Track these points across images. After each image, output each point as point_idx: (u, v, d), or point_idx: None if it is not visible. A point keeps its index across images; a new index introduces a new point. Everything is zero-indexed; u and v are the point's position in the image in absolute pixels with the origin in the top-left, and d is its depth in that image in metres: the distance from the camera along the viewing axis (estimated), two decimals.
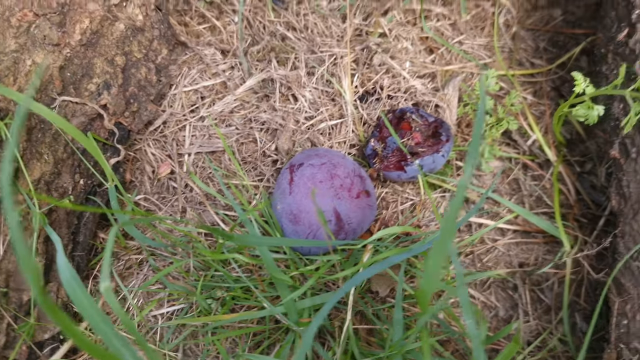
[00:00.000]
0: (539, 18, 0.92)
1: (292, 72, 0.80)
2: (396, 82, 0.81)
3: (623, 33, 0.72)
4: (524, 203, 0.78)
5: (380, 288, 0.69)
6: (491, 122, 0.78)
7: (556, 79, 0.86)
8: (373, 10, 0.87)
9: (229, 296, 0.64)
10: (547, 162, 0.80)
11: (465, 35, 0.88)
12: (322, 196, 0.63)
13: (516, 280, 0.75)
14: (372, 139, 0.75)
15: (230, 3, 0.89)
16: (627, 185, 0.67)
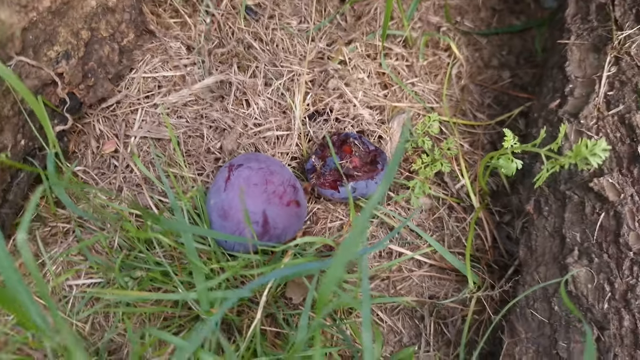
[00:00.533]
0: (489, 76, 0.99)
1: (250, 80, 0.83)
2: (346, 108, 0.85)
3: (555, 102, 0.79)
4: (444, 241, 0.83)
5: (295, 295, 0.72)
6: (427, 161, 0.83)
7: (493, 134, 0.93)
8: (338, 38, 0.92)
9: (146, 277, 0.65)
10: (471, 207, 0.85)
11: (419, 79, 0.94)
12: (254, 198, 0.66)
13: (424, 311, 0.79)
14: (313, 156, 0.79)
15: (205, 4, 0.92)
16: (535, 239, 0.73)
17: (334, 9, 0.97)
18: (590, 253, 0.65)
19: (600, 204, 0.66)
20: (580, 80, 0.77)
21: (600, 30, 0.79)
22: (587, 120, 0.72)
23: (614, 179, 0.66)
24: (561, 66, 0.81)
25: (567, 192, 0.70)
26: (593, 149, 0.58)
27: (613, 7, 0.79)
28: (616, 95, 0.72)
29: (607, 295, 0.62)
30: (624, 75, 0.72)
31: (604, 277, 0.63)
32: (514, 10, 1.08)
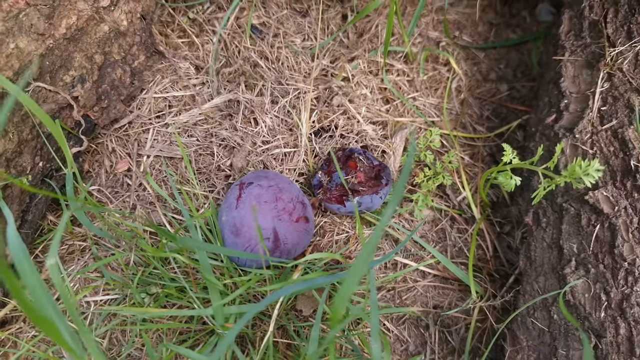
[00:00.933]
0: (488, 89, 1.03)
1: (258, 98, 0.86)
2: (350, 124, 0.88)
3: (551, 117, 0.82)
4: (446, 251, 0.86)
5: (305, 307, 0.75)
6: (429, 175, 0.86)
7: (493, 146, 0.96)
8: (341, 56, 0.95)
9: (162, 293, 0.68)
10: (473, 219, 0.88)
11: (419, 93, 0.97)
12: (264, 215, 0.69)
13: (429, 320, 0.82)
14: (320, 171, 0.82)
15: (212, 24, 0.96)
16: (534, 250, 0.76)
17: (337, 26, 1.00)
18: (587, 264, 0.68)
19: (595, 216, 0.69)
20: (575, 95, 0.80)
21: (594, 46, 0.82)
22: (582, 135, 0.75)
23: (608, 192, 0.69)
24: (556, 82, 0.84)
25: (564, 205, 0.73)
26: (586, 169, 0.61)
27: (605, 24, 0.82)
28: (609, 110, 0.75)
29: (603, 304, 0.65)
30: (617, 90, 0.75)
31: (600, 287, 0.66)
32: (511, 24, 1.11)
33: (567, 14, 0.90)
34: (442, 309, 0.82)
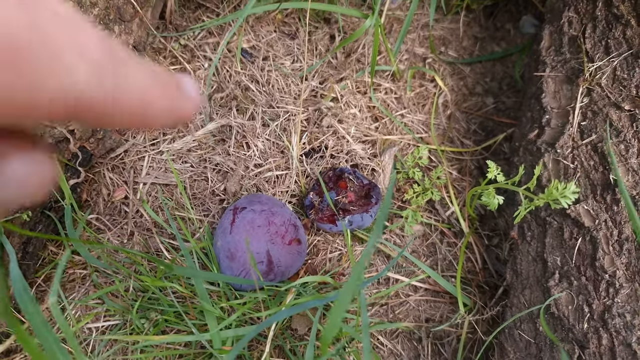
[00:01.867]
0: (474, 103, 1.05)
1: (249, 122, 0.89)
2: (340, 144, 0.91)
3: (534, 132, 0.84)
4: (437, 265, 0.89)
5: (300, 326, 0.77)
6: (418, 191, 0.88)
7: (480, 159, 0.98)
8: (329, 77, 0.98)
9: (161, 319, 0.70)
10: (461, 232, 0.90)
11: (407, 110, 1.00)
12: (258, 240, 0.72)
13: (421, 333, 0.84)
14: (311, 192, 0.84)
15: (203, 49, 0.98)
16: (520, 264, 0.78)
17: (325, 47, 1.02)
18: (570, 276, 0.70)
19: (577, 230, 0.72)
20: (556, 111, 0.83)
21: (573, 62, 0.85)
22: (563, 150, 0.78)
23: (589, 206, 0.71)
24: (538, 97, 0.87)
25: (548, 219, 0.76)
26: (563, 192, 0.63)
27: (584, 39, 0.85)
28: (589, 125, 0.77)
29: (586, 315, 0.67)
30: (596, 105, 0.78)
31: (582, 299, 0.68)
32: (495, 37, 1.14)
33: (548, 29, 0.93)
34: (434, 322, 0.85)
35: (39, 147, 0.17)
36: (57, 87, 0.15)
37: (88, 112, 0.16)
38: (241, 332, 0.68)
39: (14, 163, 0.16)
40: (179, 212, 0.83)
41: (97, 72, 0.16)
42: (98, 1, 0.76)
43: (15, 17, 0.13)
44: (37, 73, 0.14)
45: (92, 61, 0.16)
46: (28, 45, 0.14)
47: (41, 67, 0.14)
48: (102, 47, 0.16)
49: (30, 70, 0.14)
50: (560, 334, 0.69)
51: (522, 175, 0.72)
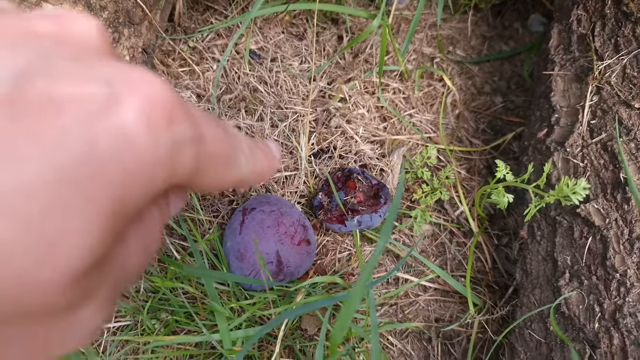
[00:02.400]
0: (483, 102, 1.05)
1: (258, 123, 0.89)
2: (349, 144, 0.91)
3: (543, 132, 0.84)
4: (447, 264, 0.89)
5: (310, 326, 0.77)
6: (427, 191, 0.88)
7: (489, 159, 0.98)
8: (337, 77, 0.98)
9: (172, 319, 0.71)
10: (471, 232, 0.90)
11: (415, 110, 1.00)
12: (267, 240, 0.72)
13: (431, 333, 0.84)
14: (320, 193, 0.84)
15: (211, 51, 0.99)
16: (530, 263, 0.78)
17: (333, 47, 1.02)
18: (580, 275, 0.70)
19: (587, 229, 0.72)
20: (565, 109, 0.83)
21: (582, 60, 0.85)
22: (572, 149, 0.78)
23: (599, 205, 0.71)
24: (547, 96, 0.86)
25: (557, 218, 0.76)
26: (574, 188, 0.63)
27: (593, 37, 0.84)
28: (598, 123, 0.77)
29: (597, 315, 0.67)
30: (605, 104, 0.77)
31: (593, 298, 0.68)
32: (503, 36, 1.14)
33: (556, 28, 0.93)
34: (444, 322, 0.85)
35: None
36: (235, 176, 0.23)
37: (239, 185, 0.24)
38: (251, 332, 0.68)
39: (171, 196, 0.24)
40: (189, 213, 0.83)
41: (251, 162, 0.24)
42: (107, 5, 0.77)
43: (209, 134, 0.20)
44: (228, 171, 0.22)
45: (247, 155, 0.24)
46: (233, 155, 0.22)
47: (230, 168, 0.22)
48: (248, 144, 0.25)
49: (227, 169, 0.22)
50: (571, 334, 0.69)
51: (531, 173, 0.72)
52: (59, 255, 0.14)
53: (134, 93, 0.15)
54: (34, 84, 0.14)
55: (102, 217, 0.15)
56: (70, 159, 0.14)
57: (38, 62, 0.15)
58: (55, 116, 0.14)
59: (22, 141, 0.13)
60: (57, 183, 0.13)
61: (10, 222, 0.13)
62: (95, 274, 0.16)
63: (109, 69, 0.16)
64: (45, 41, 0.16)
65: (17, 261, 0.13)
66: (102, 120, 0.15)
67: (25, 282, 0.13)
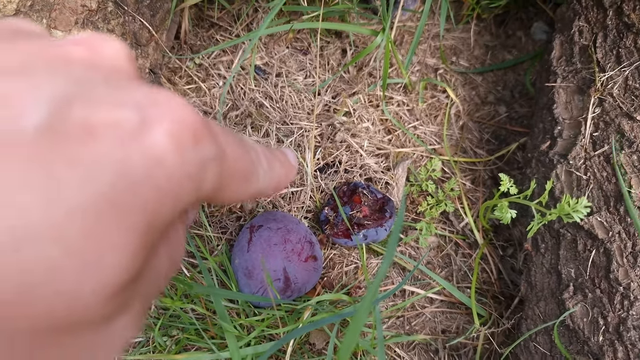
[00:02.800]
0: (487, 112, 1.06)
1: (264, 139, 0.90)
2: (354, 159, 0.92)
3: (546, 144, 0.85)
4: (452, 276, 0.90)
5: (317, 340, 0.79)
6: (432, 203, 0.89)
7: (494, 169, 0.99)
8: (342, 91, 0.99)
9: (183, 337, 0.73)
10: (476, 243, 0.91)
11: (420, 122, 1.01)
12: (274, 257, 0.74)
13: (438, 344, 0.85)
14: (326, 207, 0.86)
15: (217, 68, 1.00)
16: (534, 275, 0.79)
17: (337, 61, 1.04)
18: (584, 288, 0.71)
19: (591, 242, 0.72)
20: (568, 122, 0.83)
21: (584, 72, 0.85)
22: (575, 161, 0.78)
23: (602, 218, 0.72)
24: (549, 108, 0.87)
25: (561, 231, 0.76)
26: (575, 206, 0.64)
27: (595, 49, 0.85)
28: (601, 135, 0.78)
29: (601, 328, 0.68)
30: (608, 116, 0.78)
31: (597, 312, 0.68)
32: (507, 45, 1.14)
33: (558, 39, 0.93)
34: (450, 333, 0.86)
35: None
36: (254, 190, 0.24)
37: (257, 197, 0.26)
38: (260, 349, 0.69)
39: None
40: (197, 230, 0.85)
41: (268, 174, 0.25)
42: (114, 28, 0.78)
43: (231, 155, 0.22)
44: (247, 185, 0.23)
45: (265, 168, 0.25)
46: (252, 170, 0.23)
47: (249, 182, 0.23)
48: (266, 157, 0.26)
49: (247, 184, 0.23)
50: (576, 347, 0.69)
51: (534, 189, 0.73)
52: (99, 273, 0.15)
53: (163, 116, 0.17)
54: (72, 110, 0.15)
55: (137, 235, 0.16)
56: (106, 182, 0.15)
57: (74, 88, 0.16)
58: (92, 141, 0.15)
59: (62, 167, 0.14)
60: (96, 205, 0.14)
61: (56, 246, 0.14)
62: (130, 288, 0.17)
63: (139, 93, 0.17)
64: (79, 66, 0.17)
65: (62, 280, 0.14)
66: (134, 143, 0.16)
67: (70, 298, 0.14)
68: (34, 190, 0.13)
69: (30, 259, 0.13)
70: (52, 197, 0.14)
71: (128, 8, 0.80)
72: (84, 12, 0.73)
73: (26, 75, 0.15)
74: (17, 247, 0.13)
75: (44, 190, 0.13)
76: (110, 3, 0.77)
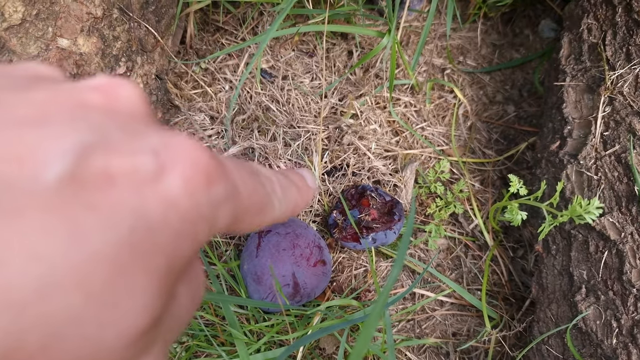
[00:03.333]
0: (495, 112, 1.05)
1: (271, 143, 0.90)
2: (361, 161, 0.92)
3: (555, 144, 0.84)
4: (462, 278, 0.89)
5: (328, 345, 0.78)
6: (441, 205, 0.89)
7: (503, 169, 0.98)
8: (348, 93, 0.99)
9: (193, 344, 0.72)
10: (486, 245, 0.90)
11: (427, 123, 1.00)
12: (283, 263, 0.73)
13: (449, 347, 0.85)
14: (334, 211, 0.85)
15: (223, 72, 1.00)
16: (546, 277, 0.78)
17: (343, 63, 1.03)
18: (597, 290, 0.70)
19: (603, 243, 0.71)
20: (577, 121, 0.82)
21: (594, 70, 0.84)
22: (586, 161, 0.77)
23: (614, 218, 0.71)
24: (559, 107, 0.86)
25: (572, 232, 0.75)
26: (587, 207, 0.63)
27: (604, 47, 0.84)
28: (612, 135, 0.77)
29: (614, 331, 0.67)
30: (618, 114, 0.77)
31: (610, 314, 0.68)
32: (514, 44, 1.13)
33: (567, 37, 0.92)
34: (461, 336, 0.85)
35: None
36: (270, 219, 0.24)
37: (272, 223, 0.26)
38: (270, 355, 0.69)
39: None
40: None
41: (284, 203, 0.25)
42: (120, 35, 0.78)
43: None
44: (262, 217, 0.23)
45: (280, 198, 0.25)
46: (267, 202, 0.24)
47: (264, 214, 0.24)
48: (281, 185, 0.26)
49: (262, 216, 0.24)
50: (589, 350, 0.69)
51: (544, 190, 0.72)
52: (122, 317, 0.15)
53: (177, 161, 0.17)
54: (91, 159, 0.15)
55: (157, 278, 0.16)
56: (126, 227, 0.15)
57: (92, 136, 0.16)
58: (111, 188, 0.15)
59: (83, 214, 0.14)
60: (117, 250, 0.15)
61: (79, 293, 0.14)
62: (153, 331, 0.17)
63: (154, 138, 0.17)
64: (97, 114, 0.18)
65: (86, 327, 0.14)
66: (150, 188, 0.16)
67: (93, 344, 0.14)
68: (55, 238, 0.13)
69: (55, 308, 0.13)
70: (73, 244, 0.14)
71: (133, 14, 0.80)
72: (89, 19, 0.73)
73: (46, 125, 0.16)
74: (41, 296, 0.13)
75: (64, 237, 0.14)
76: (115, 10, 0.77)
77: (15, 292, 0.13)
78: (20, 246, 0.13)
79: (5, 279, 0.13)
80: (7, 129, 0.15)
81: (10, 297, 0.13)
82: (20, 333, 0.13)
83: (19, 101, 0.17)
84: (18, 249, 0.13)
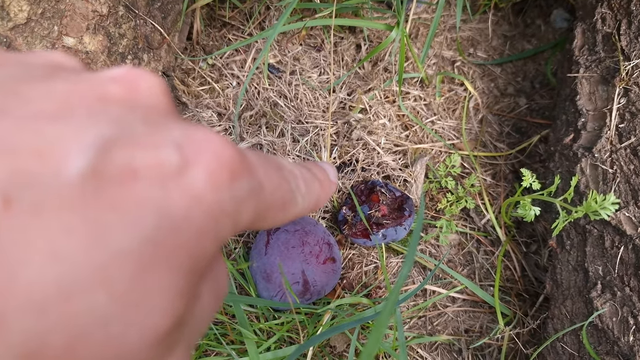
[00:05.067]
0: (506, 104, 1.03)
1: (279, 139, 0.89)
2: (371, 157, 0.90)
3: (569, 137, 0.82)
4: (475, 274, 0.88)
5: (338, 343, 0.77)
6: (452, 200, 0.87)
7: (515, 163, 0.96)
8: (357, 88, 0.98)
9: (203, 342, 0.72)
10: (498, 240, 0.89)
11: (437, 116, 0.99)
12: (292, 260, 0.72)
13: (461, 344, 0.84)
14: (344, 207, 0.84)
15: (230, 67, 0.99)
16: (560, 273, 0.77)
17: (351, 57, 1.02)
18: (613, 287, 0.69)
19: (619, 238, 0.70)
20: (592, 113, 0.81)
21: (608, 61, 0.82)
22: (601, 154, 0.76)
23: (630, 213, 0.69)
24: (572, 99, 0.84)
25: (587, 227, 0.74)
26: (603, 203, 0.61)
27: (619, 36, 0.82)
28: (627, 127, 0.75)
29: (631, 328, 0.65)
30: (634, 106, 0.75)
31: (627, 311, 0.66)
32: (526, 34, 1.11)
33: (580, 27, 0.90)
34: (474, 332, 0.84)
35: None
36: (292, 215, 0.24)
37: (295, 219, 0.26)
38: (280, 353, 0.68)
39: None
40: None
41: (307, 198, 0.25)
42: (126, 32, 0.78)
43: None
44: (285, 213, 0.23)
45: (303, 193, 0.25)
46: (290, 197, 0.23)
47: (287, 210, 0.23)
48: (305, 179, 0.25)
49: (285, 212, 0.23)
50: (605, 347, 0.67)
51: (558, 184, 0.70)
52: (146, 316, 0.15)
53: (200, 155, 0.17)
54: (113, 154, 0.15)
55: (182, 275, 0.16)
56: (149, 224, 0.15)
57: (114, 130, 0.15)
58: (134, 184, 0.15)
59: (106, 211, 0.14)
60: (140, 247, 0.14)
61: (102, 292, 0.13)
62: (177, 330, 0.17)
63: (177, 131, 0.17)
64: (118, 106, 0.17)
65: (109, 327, 0.14)
66: (174, 183, 0.16)
67: (118, 344, 0.14)
68: (78, 236, 0.13)
69: (78, 308, 0.13)
70: (96, 242, 0.13)
71: (139, 11, 0.79)
72: (95, 17, 0.73)
73: (67, 119, 0.15)
74: (65, 296, 0.13)
75: (87, 234, 0.13)
76: (121, 7, 0.76)
77: (38, 292, 0.12)
78: (42, 245, 0.13)
79: (27, 279, 0.12)
80: (27, 122, 0.14)
81: (33, 298, 0.12)
82: (44, 334, 0.13)
83: (38, 93, 0.16)
84: (40, 249, 0.13)
